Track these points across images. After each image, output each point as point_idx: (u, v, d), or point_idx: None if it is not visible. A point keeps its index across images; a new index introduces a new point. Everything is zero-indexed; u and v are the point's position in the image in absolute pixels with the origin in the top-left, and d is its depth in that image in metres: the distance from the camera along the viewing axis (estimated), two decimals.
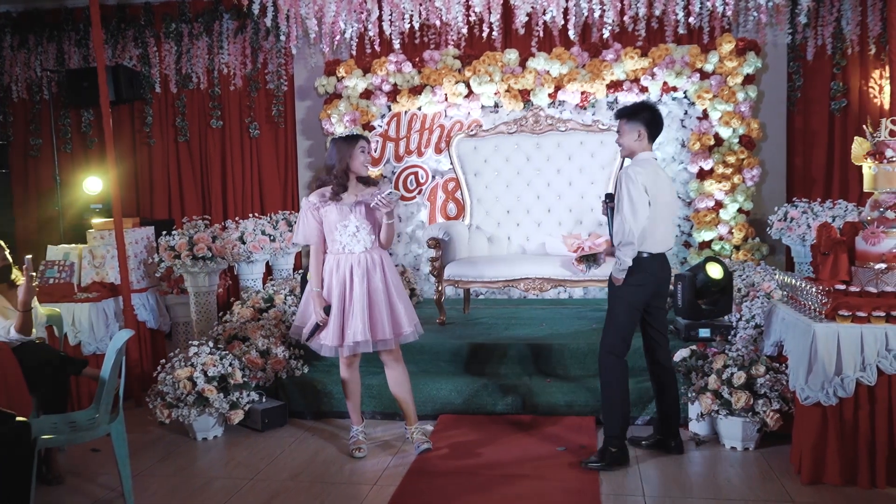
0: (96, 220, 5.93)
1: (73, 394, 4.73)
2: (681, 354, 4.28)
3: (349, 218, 3.82)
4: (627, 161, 3.83)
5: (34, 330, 3.82)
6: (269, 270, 6.56)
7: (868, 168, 3.66)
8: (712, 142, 6.35)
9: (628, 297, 3.70)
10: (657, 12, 6.14)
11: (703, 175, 6.39)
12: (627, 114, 3.76)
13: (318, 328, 3.88)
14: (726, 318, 4.81)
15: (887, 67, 6.16)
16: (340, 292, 3.83)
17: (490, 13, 6.01)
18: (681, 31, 6.10)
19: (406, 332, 3.88)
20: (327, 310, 3.83)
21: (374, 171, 6.61)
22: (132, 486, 3.49)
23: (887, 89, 6.24)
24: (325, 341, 3.87)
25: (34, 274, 3.70)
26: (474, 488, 3.57)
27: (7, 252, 3.92)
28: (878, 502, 3.32)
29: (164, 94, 7.37)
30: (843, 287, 3.50)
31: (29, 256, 3.62)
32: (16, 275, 3.92)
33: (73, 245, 5.44)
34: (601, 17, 6.01)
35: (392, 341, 3.86)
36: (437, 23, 6.28)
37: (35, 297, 3.87)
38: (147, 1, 7.23)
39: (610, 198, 3.84)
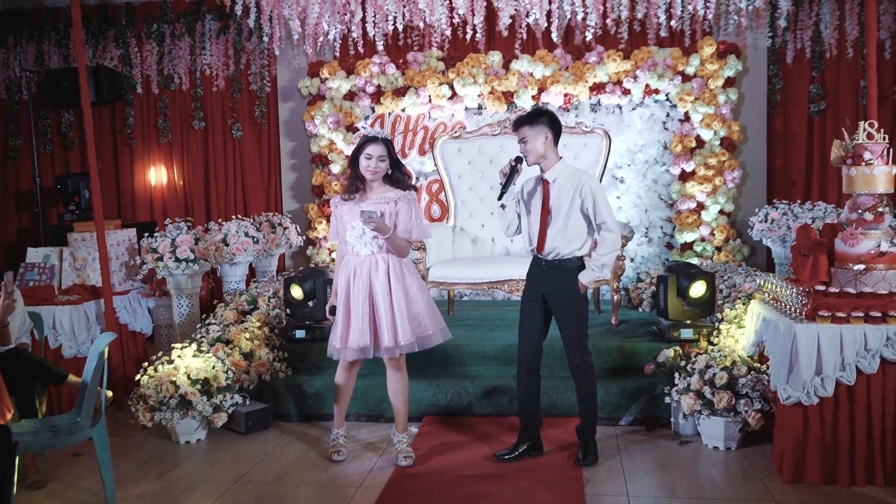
0: (77, 223, 5.87)
1: (53, 398, 4.68)
2: (664, 355, 4.31)
3: (357, 219, 3.73)
4: (535, 168, 3.78)
5: (13, 341, 3.78)
6: (252, 272, 6.53)
7: (847, 170, 3.71)
8: (694, 144, 6.40)
9: (584, 298, 3.85)
10: (639, 15, 6.19)
11: (684, 177, 6.44)
12: (528, 120, 3.70)
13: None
14: (708, 318, 4.84)
15: (865, 71, 6.24)
16: (345, 294, 3.77)
17: (473, 15, 6.02)
18: (663, 34, 6.15)
19: (403, 343, 3.72)
20: (333, 310, 3.81)
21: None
22: (115, 490, 3.47)
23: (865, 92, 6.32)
24: (330, 342, 3.83)
25: (13, 290, 3.67)
26: (459, 490, 3.58)
27: None
28: (857, 501, 3.36)
29: (146, 95, 7.31)
30: (822, 288, 3.55)
31: (8, 273, 3.60)
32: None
33: (54, 247, 5.38)
34: (584, 19, 6.04)
35: (394, 349, 3.73)
36: (421, 24, 6.27)
37: (22, 303, 3.84)
38: (128, 1, 7.17)
39: (519, 160, 3.75)
